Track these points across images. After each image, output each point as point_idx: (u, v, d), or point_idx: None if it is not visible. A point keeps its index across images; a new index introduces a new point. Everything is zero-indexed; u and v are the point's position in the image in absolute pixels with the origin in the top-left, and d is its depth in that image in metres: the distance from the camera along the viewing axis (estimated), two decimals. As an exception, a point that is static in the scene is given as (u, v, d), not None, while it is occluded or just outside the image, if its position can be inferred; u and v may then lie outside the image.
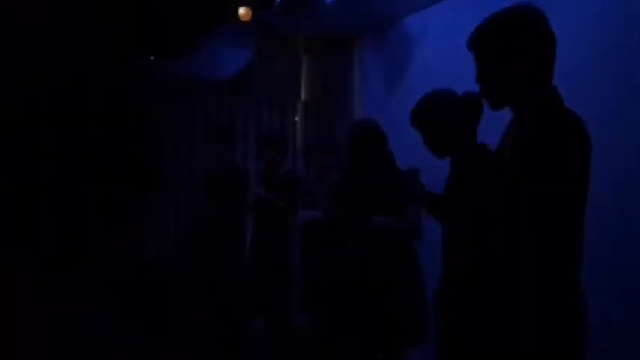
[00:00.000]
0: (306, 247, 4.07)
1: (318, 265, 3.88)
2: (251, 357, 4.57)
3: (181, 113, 5.57)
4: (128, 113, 0.90)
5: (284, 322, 4.42)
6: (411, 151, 3.45)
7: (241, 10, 4.54)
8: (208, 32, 4.72)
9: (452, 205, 2.31)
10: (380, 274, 3.18)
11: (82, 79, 0.88)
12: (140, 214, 0.92)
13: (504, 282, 1.82)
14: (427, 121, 2.46)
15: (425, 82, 4.48)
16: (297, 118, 6.14)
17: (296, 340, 4.39)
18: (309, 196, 4.09)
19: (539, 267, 1.74)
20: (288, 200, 4.27)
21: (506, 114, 1.92)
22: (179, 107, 5.54)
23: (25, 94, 0.84)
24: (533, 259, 1.74)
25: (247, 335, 4.58)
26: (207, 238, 4.53)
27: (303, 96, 6.20)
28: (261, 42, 5.11)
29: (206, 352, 4.48)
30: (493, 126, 2.13)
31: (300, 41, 6.01)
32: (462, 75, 2.35)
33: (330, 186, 3.78)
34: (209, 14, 4.70)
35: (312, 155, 4.20)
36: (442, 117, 2.42)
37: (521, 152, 1.73)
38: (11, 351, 0.76)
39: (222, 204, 4.44)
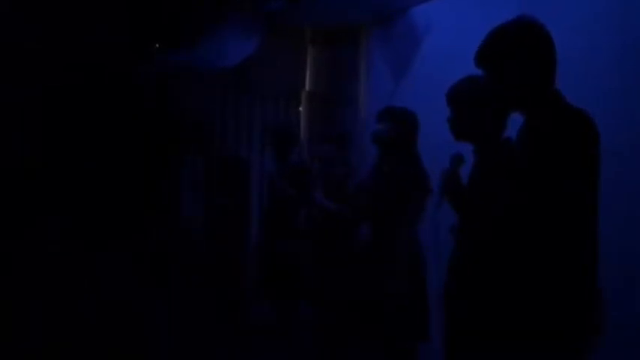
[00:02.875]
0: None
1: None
2: (252, 346, 4.59)
3: (187, 103, 5.55)
4: (145, 103, 0.90)
5: (290, 313, 4.43)
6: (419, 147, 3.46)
7: None
8: (213, 22, 4.70)
9: (477, 204, 2.27)
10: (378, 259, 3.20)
11: (95, 74, 0.88)
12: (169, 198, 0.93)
13: (517, 276, 1.89)
14: (460, 98, 2.38)
15: (432, 74, 4.47)
16: (301, 109, 6.11)
17: (301, 331, 4.40)
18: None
19: (551, 264, 1.82)
20: (297, 189, 4.27)
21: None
22: (185, 96, 5.51)
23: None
24: (546, 257, 1.82)
25: (249, 323, 4.60)
26: (213, 226, 4.54)
27: (308, 86, 6.16)
28: (267, 32, 5.07)
29: (207, 341, 4.50)
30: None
31: (306, 31, 5.97)
32: (468, 67, 2.33)
33: (363, 185, 3.67)
34: (214, 3, 4.68)
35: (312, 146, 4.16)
36: (476, 97, 2.32)
37: (528, 149, 1.87)
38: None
39: (224, 193, 4.45)
